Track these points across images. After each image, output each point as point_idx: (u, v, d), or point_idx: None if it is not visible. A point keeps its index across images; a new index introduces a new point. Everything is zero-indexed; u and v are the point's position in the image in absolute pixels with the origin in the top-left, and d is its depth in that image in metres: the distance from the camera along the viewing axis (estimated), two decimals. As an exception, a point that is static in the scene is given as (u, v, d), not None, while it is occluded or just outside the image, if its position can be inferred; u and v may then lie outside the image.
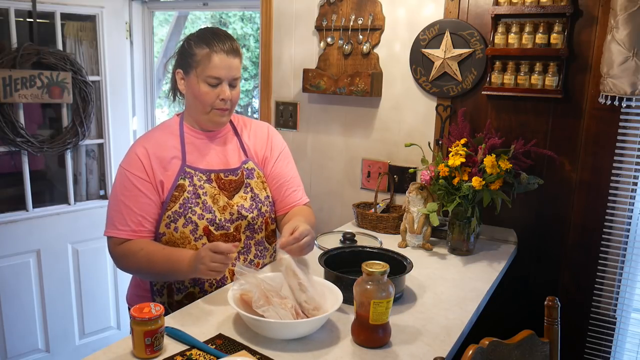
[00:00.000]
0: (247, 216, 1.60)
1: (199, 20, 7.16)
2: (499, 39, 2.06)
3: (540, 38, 1.98)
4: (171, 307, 1.57)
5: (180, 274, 1.47)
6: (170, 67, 1.66)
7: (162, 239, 1.54)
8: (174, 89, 1.67)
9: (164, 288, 1.58)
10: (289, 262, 1.32)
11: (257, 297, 1.26)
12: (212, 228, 1.55)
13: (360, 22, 2.39)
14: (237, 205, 1.59)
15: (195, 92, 1.55)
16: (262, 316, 1.23)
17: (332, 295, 1.36)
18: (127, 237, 1.51)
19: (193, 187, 1.54)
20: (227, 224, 1.57)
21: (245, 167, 1.65)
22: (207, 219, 1.54)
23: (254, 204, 1.63)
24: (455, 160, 1.87)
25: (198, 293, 1.57)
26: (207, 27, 1.61)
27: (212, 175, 1.59)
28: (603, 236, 2.03)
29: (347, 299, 1.36)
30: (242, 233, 1.61)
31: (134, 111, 3.19)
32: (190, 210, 1.53)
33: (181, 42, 1.61)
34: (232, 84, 1.56)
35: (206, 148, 1.62)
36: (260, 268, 1.66)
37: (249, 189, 1.63)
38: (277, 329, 1.25)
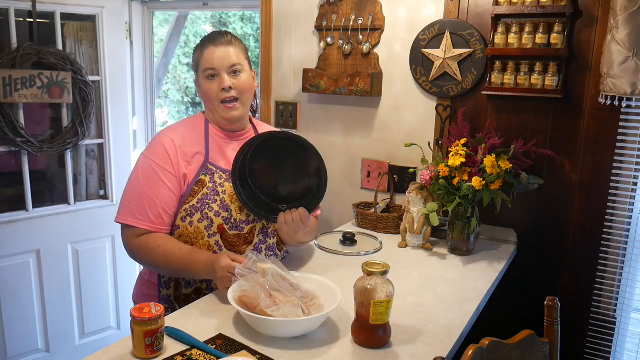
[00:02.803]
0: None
1: (199, 20, 7.15)
2: (499, 39, 2.06)
3: (540, 38, 1.98)
4: (178, 300, 1.58)
5: (197, 276, 1.50)
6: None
7: (175, 232, 1.55)
8: None
9: (171, 281, 1.59)
10: (273, 269, 1.33)
11: (263, 297, 1.26)
12: (226, 227, 1.55)
13: (360, 22, 2.39)
14: None
15: (202, 92, 1.60)
16: (271, 316, 1.24)
17: (332, 293, 1.36)
18: (146, 229, 1.50)
19: (213, 184, 1.55)
20: (242, 225, 1.58)
21: None
22: (223, 217, 1.55)
23: None
24: (455, 160, 1.87)
25: (205, 289, 1.58)
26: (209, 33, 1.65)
27: None
28: (603, 236, 2.03)
29: None
30: (257, 236, 1.62)
31: (134, 111, 3.19)
32: (207, 206, 1.53)
33: None
34: (233, 72, 1.57)
35: (228, 147, 1.64)
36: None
37: None
38: (282, 327, 1.25)
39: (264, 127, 1.76)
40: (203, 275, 1.47)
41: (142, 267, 1.73)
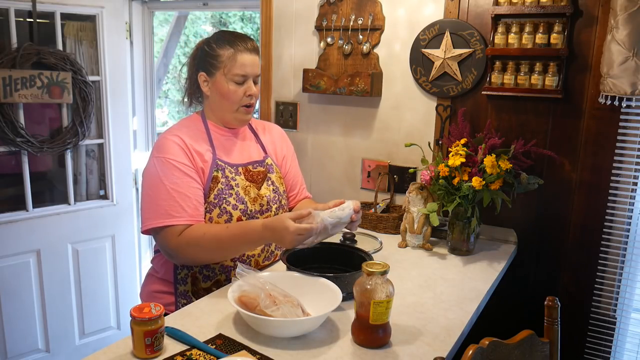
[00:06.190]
0: (273, 207, 1.68)
1: (199, 20, 7.16)
2: (499, 39, 2.06)
3: (540, 38, 1.98)
4: (196, 295, 1.60)
5: (254, 246, 1.56)
6: (185, 74, 1.70)
7: None
8: (190, 94, 1.71)
9: (188, 277, 1.60)
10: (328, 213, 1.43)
11: (263, 297, 1.26)
12: (244, 218, 1.60)
13: (360, 22, 2.39)
14: (265, 196, 1.66)
15: (223, 92, 1.60)
16: (271, 316, 1.24)
17: (332, 293, 1.36)
18: (187, 223, 1.49)
19: (225, 179, 1.59)
20: (257, 215, 1.63)
21: (267, 162, 1.73)
22: (240, 209, 1.59)
23: (277, 196, 1.71)
24: (455, 160, 1.87)
25: (224, 281, 1.62)
26: (224, 30, 1.68)
27: (240, 169, 1.65)
28: (603, 236, 2.03)
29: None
30: None
31: (134, 111, 3.19)
32: (224, 200, 1.57)
33: (198, 48, 1.66)
34: (255, 81, 1.63)
35: (230, 144, 1.68)
36: (261, 268, 1.66)
37: (270, 182, 1.71)
38: (282, 327, 1.25)
39: (255, 122, 1.82)
40: (261, 242, 1.51)
41: (149, 267, 1.73)
